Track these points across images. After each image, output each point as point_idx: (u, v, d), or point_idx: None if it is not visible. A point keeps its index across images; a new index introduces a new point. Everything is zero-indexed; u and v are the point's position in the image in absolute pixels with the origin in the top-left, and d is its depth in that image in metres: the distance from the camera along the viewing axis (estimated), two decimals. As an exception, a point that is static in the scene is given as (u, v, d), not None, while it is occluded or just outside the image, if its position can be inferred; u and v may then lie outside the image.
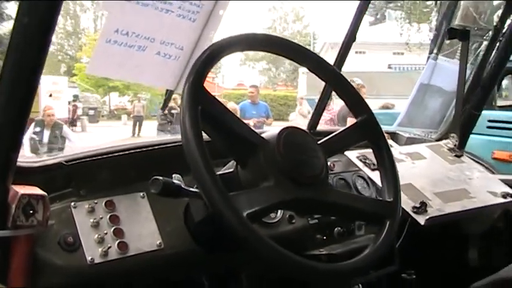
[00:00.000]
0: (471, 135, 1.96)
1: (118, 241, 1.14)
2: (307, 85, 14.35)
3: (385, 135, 1.30)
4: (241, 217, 0.97)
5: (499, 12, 2.01)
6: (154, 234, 1.19)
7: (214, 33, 1.35)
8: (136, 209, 1.21)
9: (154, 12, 1.25)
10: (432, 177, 1.63)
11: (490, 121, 3.88)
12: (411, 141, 1.96)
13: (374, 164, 1.57)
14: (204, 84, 1.04)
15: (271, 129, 1.17)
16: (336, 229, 1.51)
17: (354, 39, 1.77)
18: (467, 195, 1.57)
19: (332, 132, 1.27)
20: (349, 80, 1.30)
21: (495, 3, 2.01)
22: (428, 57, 2.16)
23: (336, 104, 6.57)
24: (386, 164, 1.26)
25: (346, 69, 1.74)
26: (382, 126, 1.29)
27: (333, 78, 1.30)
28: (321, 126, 1.89)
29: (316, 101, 1.83)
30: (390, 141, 1.74)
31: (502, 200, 1.56)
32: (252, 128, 1.18)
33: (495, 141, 2.44)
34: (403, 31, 14.49)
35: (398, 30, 14.59)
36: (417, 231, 1.49)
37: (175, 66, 1.35)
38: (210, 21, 1.35)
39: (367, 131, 1.28)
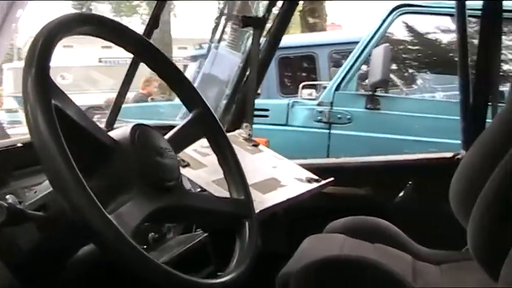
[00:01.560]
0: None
1: None
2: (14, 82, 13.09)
3: None
4: (125, 238, 0.81)
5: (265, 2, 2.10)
6: None
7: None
8: None
9: None
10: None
11: None
12: None
13: (183, 160, 1.48)
14: None
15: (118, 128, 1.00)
16: (150, 235, 1.38)
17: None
18: (279, 183, 1.59)
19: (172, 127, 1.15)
20: (59, 75, 1.17)
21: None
22: (210, 46, 2.13)
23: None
24: (229, 160, 1.19)
25: (53, 64, 1.55)
26: (146, 120, 1.20)
27: (163, 67, 1.16)
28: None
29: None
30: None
31: (313, 185, 1.62)
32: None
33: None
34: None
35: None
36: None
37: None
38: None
39: (203, 125, 1.18)
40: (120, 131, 1.00)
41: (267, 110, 4.31)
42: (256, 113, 3.98)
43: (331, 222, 2.07)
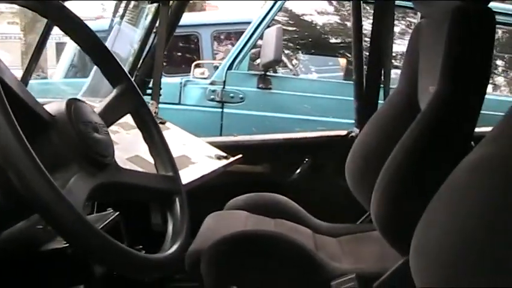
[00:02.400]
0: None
1: None
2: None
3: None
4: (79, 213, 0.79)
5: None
6: None
7: None
8: None
9: None
10: (149, 147, 1.59)
11: None
12: None
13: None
14: None
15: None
16: None
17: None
18: (190, 161, 1.59)
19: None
20: None
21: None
22: (112, 21, 2.06)
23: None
24: (155, 136, 1.18)
25: None
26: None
27: (84, 36, 1.12)
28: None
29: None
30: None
31: (223, 162, 1.64)
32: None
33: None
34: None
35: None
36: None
37: None
38: None
39: (129, 100, 1.16)
40: (56, 106, 0.97)
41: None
42: (147, 91, 3.98)
43: (231, 199, 2.10)
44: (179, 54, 6.20)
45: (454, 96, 1.41)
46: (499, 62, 5.58)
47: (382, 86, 2.43)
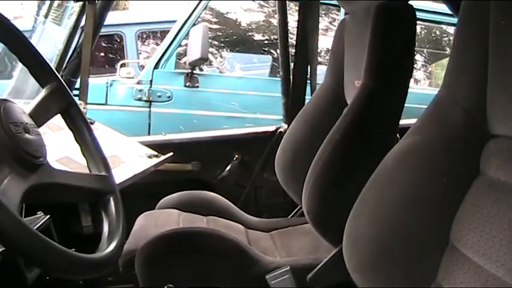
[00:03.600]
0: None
1: None
2: None
3: None
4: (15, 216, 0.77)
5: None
6: None
7: None
8: None
9: None
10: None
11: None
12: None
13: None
14: None
15: None
16: None
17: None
18: (121, 160, 1.58)
19: None
20: None
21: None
22: (36, 20, 2.00)
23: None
24: (86, 136, 1.16)
25: None
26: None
27: (11, 35, 1.09)
28: None
29: None
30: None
31: (154, 161, 1.63)
32: None
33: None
34: None
35: None
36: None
37: None
38: None
39: (58, 100, 1.14)
40: None
41: None
42: (74, 92, 3.89)
43: (163, 198, 2.09)
44: (102, 54, 6.09)
45: (379, 90, 1.46)
46: (418, 57, 5.80)
47: (308, 81, 2.47)
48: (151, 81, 4.17)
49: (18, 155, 0.92)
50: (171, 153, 1.76)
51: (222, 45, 5.74)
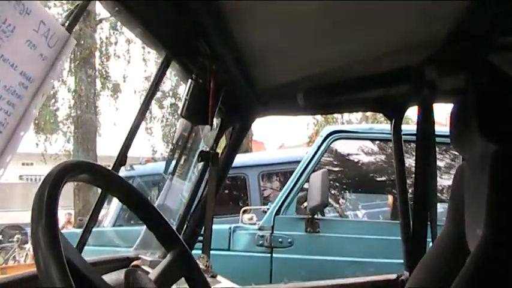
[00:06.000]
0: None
1: None
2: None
3: None
4: None
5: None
6: None
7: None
8: None
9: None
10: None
11: None
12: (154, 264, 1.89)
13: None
14: None
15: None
16: None
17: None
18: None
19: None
20: None
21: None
22: (164, 178, 2.17)
23: None
24: None
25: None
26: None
27: (141, 207, 1.21)
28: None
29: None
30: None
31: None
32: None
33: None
34: (39, 142, 14.05)
35: (35, 140, 14.10)
36: None
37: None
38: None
39: (183, 265, 1.21)
40: (115, 276, 1.05)
41: None
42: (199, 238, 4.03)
43: None
44: (229, 195, 6.33)
45: (501, 239, 1.39)
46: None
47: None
48: (272, 226, 4.23)
49: None
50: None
51: (344, 187, 5.76)
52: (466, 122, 1.68)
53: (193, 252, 3.00)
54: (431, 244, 2.07)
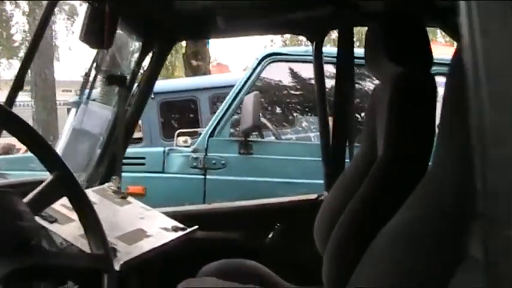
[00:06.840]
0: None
1: None
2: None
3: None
4: None
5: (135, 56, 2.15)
6: None
7: None
8: None
9: None
10: (108, 222, 1.61)
11: None
12: None
13: (51, 216, 1.48)
14: None
15: None
16: None
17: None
18: (145, 234, 1.61)
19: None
20: None
21: (131, 49, 2.12)
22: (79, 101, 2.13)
23: None
24: (89, 218, 1.23)
25: None
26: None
27: (22, 131, 1.18)
28: None
29: None
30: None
31: (178, 234, 1.65)
32: None
33: (127, 176, 2.57)
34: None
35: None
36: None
37: None
38: None
39: (63, 186, 1.21)
40: None
41: (143, 158, 4.31)
42: (133, 161, 4.02)
43: (204, 266, 2.10)
44: (180, 118, 6.31)
45: (395, 162, 1.44)
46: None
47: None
48: (206, 149, 4.25)
49: (6, 241, 1.01)
50: (196, 227, 1.79)
51: (279, 109, 5.82)
52: (376, 45, 1.71)
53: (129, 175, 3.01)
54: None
